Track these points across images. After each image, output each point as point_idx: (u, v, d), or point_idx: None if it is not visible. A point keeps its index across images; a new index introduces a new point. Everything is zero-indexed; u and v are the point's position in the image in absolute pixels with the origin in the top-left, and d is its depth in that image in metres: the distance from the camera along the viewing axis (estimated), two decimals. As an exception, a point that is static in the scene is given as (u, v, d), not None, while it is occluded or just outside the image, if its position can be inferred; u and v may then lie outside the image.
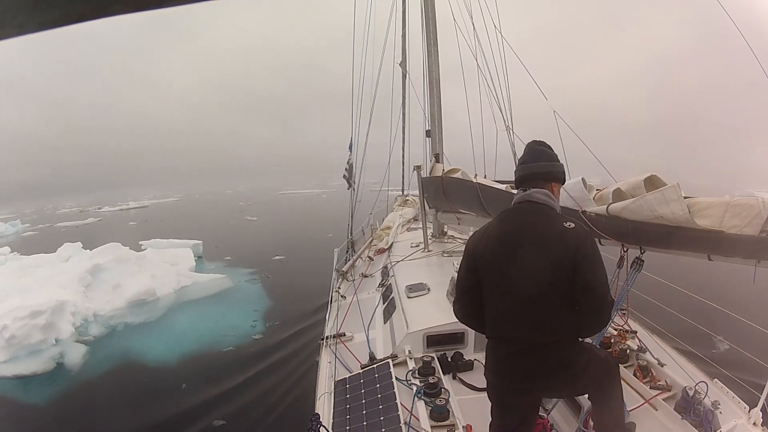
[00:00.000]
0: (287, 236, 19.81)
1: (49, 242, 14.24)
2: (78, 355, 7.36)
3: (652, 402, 2.42)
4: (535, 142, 1.88)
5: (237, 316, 8.81)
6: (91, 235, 22.66)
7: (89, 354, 7.48)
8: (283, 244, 16.96)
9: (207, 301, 10.19)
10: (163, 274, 10.98)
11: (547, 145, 1.87)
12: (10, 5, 0.41)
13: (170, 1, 0.46)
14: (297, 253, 15.11)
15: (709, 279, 5.53)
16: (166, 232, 19.19)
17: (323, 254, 6.43)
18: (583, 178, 2.66)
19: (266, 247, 16.53)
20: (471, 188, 3.99)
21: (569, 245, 1.60)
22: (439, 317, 3.27)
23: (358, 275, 5.64)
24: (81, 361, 7.21)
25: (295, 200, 46.41)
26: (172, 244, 14.91)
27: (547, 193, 1.76)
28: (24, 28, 0.43)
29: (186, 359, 6.96)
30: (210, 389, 5.86)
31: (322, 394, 2.91)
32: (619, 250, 2.45)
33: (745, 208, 1.88)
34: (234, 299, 10.16)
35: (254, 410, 5.36)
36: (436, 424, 2.36)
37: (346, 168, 7.51)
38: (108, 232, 21.53)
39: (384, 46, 7.06)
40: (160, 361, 6.98)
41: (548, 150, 1.85)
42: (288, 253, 15.14)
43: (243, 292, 10.76)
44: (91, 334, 8.24)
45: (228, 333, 7.86)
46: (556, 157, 1.85)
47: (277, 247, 16.28)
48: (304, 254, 14.59)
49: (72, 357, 7.32)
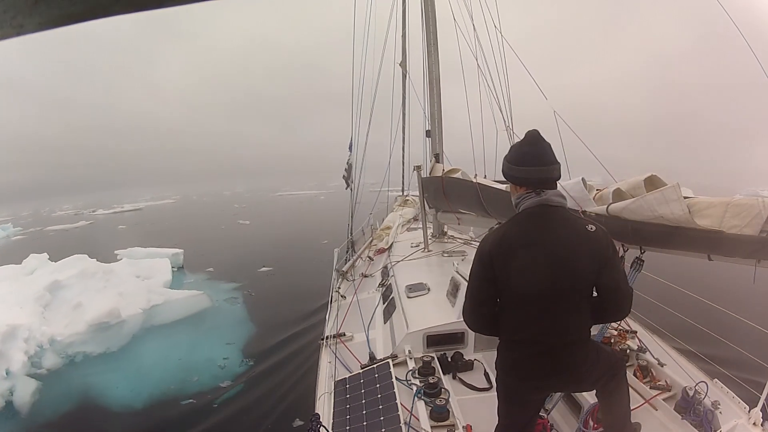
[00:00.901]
0: (278, 243, 18.32)
1: (37, 247, 12.98)
2: (29, 393, 6.11)
3: (652, 402, 2.42)
4: (539, 136, 1.75)
5: (209, 348, 7.48)
6: (77, 240, 22.02)
7: (42, 391, 6.26)
8: (272, 254, 15.72)
9: (179, 325, 8.81)
10: (131, 290, 9.69)
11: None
12: (10, 5, 0.41)
13: (170, 1, 0.46)
14: (286, 265, 13.89)
15: (709, 279, 5.54)
16: (153, 238, 18.17)
17: (315, 266, 5.89)
18: (583, 178, 2.66)
19: (254, 257, 15.21)
20: (471, 188, 3.99)
21: (594, 250, 1.64)
22: (439, 317, 3.27)
23: (358, 275, 5.65)
24: (32, 399, 6.03)
25: (292, 202, 45.16)
26: (150, 254, 13.55)
27: (561, 193, 1.74)
28: (24, 28, 0.43)
29: (154, 403, 5.82)
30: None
31: (322, 394, 2.91)
32: (620, 250, 2.45)
33: (745, 208, 1.88)
34: (210, 324, 8.84)
35: (254, 410, 5.35)
36: (436, 424, 2.36)
37: (346, 168, 7.51)
38: (94, 238, 20.86)
39: (384, 46, 7.06)
40: (123, 404, 5.84)
41: (550, 145, 1.78)
42: (277, 264, 13.88)
43: (221, 314, 9.43)
44: (45, 367, 7.02)
45: (196, 373, 6.54)
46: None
47: (265, 256, 15.05)
48: (294, 266, 13.46)
49: (22, 394, 6.06)
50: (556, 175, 1.72)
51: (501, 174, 1.88)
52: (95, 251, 12.29)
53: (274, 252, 16.27)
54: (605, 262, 1.64)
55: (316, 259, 6.84)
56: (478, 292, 1.77)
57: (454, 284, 3.54)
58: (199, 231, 25.30)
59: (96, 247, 11.02)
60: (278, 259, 14.78)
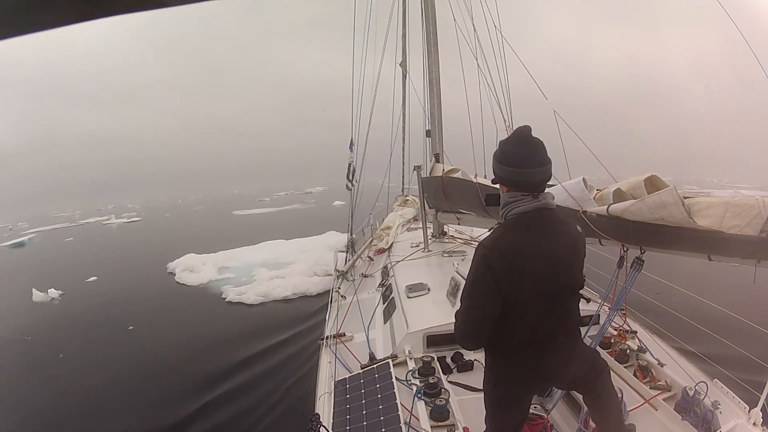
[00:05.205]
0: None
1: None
2: None
3: (652, 402, 2.42)
4: (530, 134, 1.68)
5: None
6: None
7: None
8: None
9: None
10: None
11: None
12: (10, 5, 0.41)
13: (171, 1, 0.46)
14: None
15: (710, 279, 5.54)
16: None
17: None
18: (584, 178, 2.67)
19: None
20: (471, 188, 3.99)
21: (581, 250, 1.77)
22: (439, 317, 3.27)
23: (358, 275, 5.65)
24: None
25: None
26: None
27: (553, 195, 1.75)
28: (24, 28, 0.43)
29: None
30: None
31: (322, 394, 2.91)
32: (619, 250, 2.45)
33: (745, 208, 1.88)
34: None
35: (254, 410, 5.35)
36: (436, 424, 2.36)
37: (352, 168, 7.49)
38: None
39: (384, 46, 7.07)
40: None
41: (542, 142, 1.72)
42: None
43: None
44: None
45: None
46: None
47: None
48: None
49: None
50: (549, 176, 1.69)
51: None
52: None
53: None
54: (583, 261, 1.79)
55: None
56: (485, 310, 1.66)
57: (454, 284, 3.54)
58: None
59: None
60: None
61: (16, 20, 0.42)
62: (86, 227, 42.77)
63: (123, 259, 18.80)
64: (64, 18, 0.43)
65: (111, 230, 38.10)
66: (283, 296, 9.77)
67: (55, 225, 46.13)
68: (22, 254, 25.99)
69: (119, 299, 11.27)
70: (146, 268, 15.18)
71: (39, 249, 27.54)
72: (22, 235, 35.03)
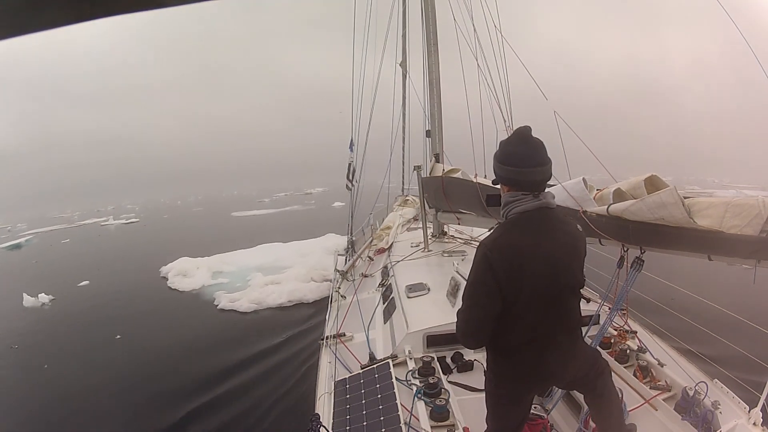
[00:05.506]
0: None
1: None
2: None
3: (652, 402, 2.42)
4: (530, 134, 1.69)
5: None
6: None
7: None
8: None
9: None
10: None
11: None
12: (10, 5, 0.41)
13: (171, 1, 0.46)
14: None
15: (709, 279, 5.53)
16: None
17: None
18: (584, 178, 2.67)
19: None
20: (471, 188, 3.99)
21: (581, 249, 1.78)
22: (439, 317, 3.27)
23: (358, 275, 5.65)
24: None
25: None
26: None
27: (553, 194, 1.75)
28: (24, 28, 0.43)
29: None
30: None
31: (322, 395, 2.91)
32: (619, 250, 2.45)
33: (745, 208, 1.88)
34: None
35: (254, 411, 5.35)
36: (436, 424, 2.36)
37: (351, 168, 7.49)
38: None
39: (384, 46, 7.08)
40: None
41: (542, 142, 1.73)
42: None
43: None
44: None
45: None
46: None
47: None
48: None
49: None
50: (549, 175, 1.71)
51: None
52: None
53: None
54: (583, 261, 1.80)
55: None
56: (486, 310, 1.66)
57: (454, 284, 3.54)
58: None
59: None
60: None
61: (16, 20, 0.42)
62: (84, 228, 42.54)
63: (117, 262, 18.58)
64: (64, 18, 0.43)
65: (108, 232, 37.90)
66: (277, 303, 9.34)
67: (53, 226, 45.99)
68: (18, 256, 25.95)
69: (108, 306, 10.91)
70: (139, 272, 14.96)
71: (35, 251, 27.51)
72: (20, 237, 34.96)
